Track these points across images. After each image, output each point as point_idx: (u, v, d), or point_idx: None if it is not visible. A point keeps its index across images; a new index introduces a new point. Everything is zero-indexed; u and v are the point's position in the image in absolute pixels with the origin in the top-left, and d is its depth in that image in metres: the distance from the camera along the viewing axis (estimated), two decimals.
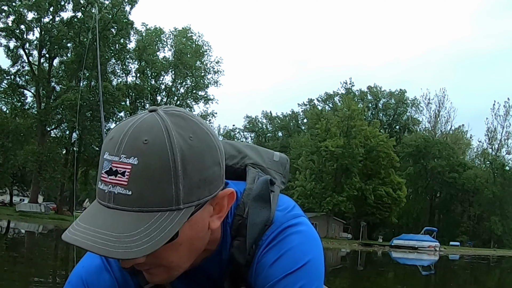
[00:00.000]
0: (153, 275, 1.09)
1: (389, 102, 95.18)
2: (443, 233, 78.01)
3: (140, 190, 0.94)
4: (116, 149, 0.96)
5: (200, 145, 0.99)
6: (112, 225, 0.94)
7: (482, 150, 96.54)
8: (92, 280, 1.24)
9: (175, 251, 1.04)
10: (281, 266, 1.13)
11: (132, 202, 0.95)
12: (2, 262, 14.42)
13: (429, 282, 22.04)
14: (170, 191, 0.96)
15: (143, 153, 0.94)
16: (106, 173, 0.96)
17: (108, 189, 0.96)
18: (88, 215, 0.98)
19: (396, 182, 73.96)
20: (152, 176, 0.94)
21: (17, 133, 56.15)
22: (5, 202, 69.65)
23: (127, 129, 0.97)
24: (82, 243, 0.93)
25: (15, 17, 56.06)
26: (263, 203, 1.20)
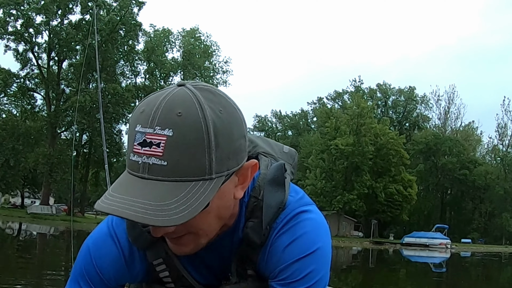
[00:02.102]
0: (181, 245, 1.15)
1: (399, 100, 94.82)
2: (454, 231, 77.65)
3: (175, 161, 0.98)
4: (149, 121, 0.99)
5: (229, 118, 1.04)
6: (149, 194, 0.98)
7: (492, 146, 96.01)
8: (98, 250, 1.29)
9: (205, 219, 1.08)
10: (293, 251, 1.19)
11: (167, 172, 0.98)
12: (15, 263, 14.50)
13: (441, 280, 21.97)
14: (204, 162, 1.00)
15: (178, 125, 0.98)
16: (140, 145, 0.99)
17: (142, 160, 0.99)
18: (120, 186, 1.02)
19: (406, 180, 73.68)
20: (187, 147, 0.98)
21: (28, 135, 56.51)
22: (16, 205, 70.07)
23: (159, 103, 1.00)
24: (120, 212, 0.97)
25: (23, 21, 56.36)
26: (277, 186, 1.25)
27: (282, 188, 1.26)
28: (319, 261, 1.21)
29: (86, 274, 1.31)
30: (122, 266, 1.30)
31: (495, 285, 20.59)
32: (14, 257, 16.34)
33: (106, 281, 1.31)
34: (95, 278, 1.31)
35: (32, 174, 63.49)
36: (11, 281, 11.08)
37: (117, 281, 1.33)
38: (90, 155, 63.08)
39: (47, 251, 20.66)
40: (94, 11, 17.53)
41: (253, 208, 1.24)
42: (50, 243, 26.28)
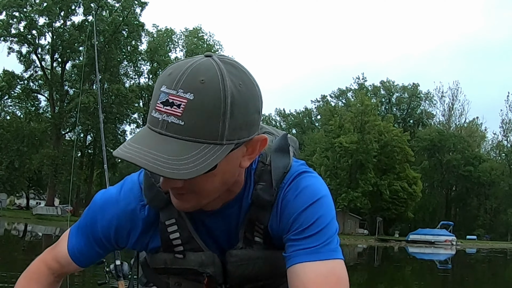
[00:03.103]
0: (184, 201, 1.24)
1: (402, 97, 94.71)
2: (459, 227, 77.48)
3: (192, 122, 1.08)
4: (174, 84, 1.09)
5: (247, 93, 1.14)
6: (163, 148, 1.07)
7: (497, 142, 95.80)
8: (103, 207, 1.42)
9: (210, 180, 1.17)
10: (299, 202, 1.30)
11: (183, 132, 1.08)
12: (22, 264, 14.55)
13: (446, 276, 21.96)
14: (217, 128, 1.10)
15: (199, 91, 1.08)
16: (162, 104, 1.09)
17: (162, 118, 1.09)
18: (139, 138, 1.12)
19: (411, 177, 73.65)
20: (205, 112, 1.08)
21: (32, 137, 56.61)
22: (21, 206, 70.19)
23: (185, 68, 1.11)
24: (136, 160, 1.06)
25: (26, 23, 56.44)
26: (283, 153, 1.38)
27: (287, 154, 1.38)
28: (324, 208, 1.32)
29: (89, 227, 1.44)
30: (123, 228, 1.40)
31: (501, 281, 20.57)
32: (20, 258, 16.40)
33: (104, 238, 1.43)
34: (95, 233, 1.43)
35: (37, 175, 63.59)
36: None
37: (117, 242, 1.44)
38: (94, 156, 63.17)
39: None
40: (94, 12, 17.59)
41: (261, 173, 1.34)
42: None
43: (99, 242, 1.46)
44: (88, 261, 1.52)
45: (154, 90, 1.14)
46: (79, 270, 1.57)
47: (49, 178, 58.84)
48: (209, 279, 1.42)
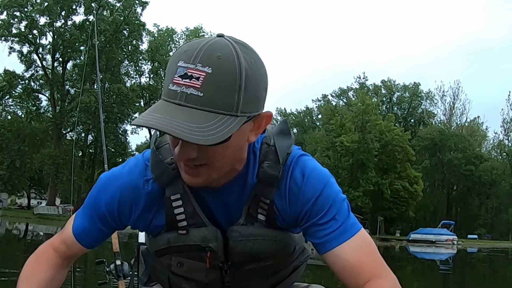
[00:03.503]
0: (195, 175, 1.30)
1: (404, 96, 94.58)
2: (460, 227, 77.46)
3: (210, 94, 1.16)
4: (192, 59, 1.18)
5: (257, 70, 1.24)
6: (185, 117, 1.15)
7: (498, 141, 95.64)
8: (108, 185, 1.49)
9: (222, 152, 1.26)
10: (314, 185, 1.43)
11: (202, 103, 1.17)
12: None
13: (447, 276, 21.97)
14: (233, 100, 1.19)
15: (217, 65, 1.17)
16: (180, 77, 1.17)
17: (181, 90, 1.17)
18: (157, 109, 1.19)
19: (412, 176, 73.57)
20: (222, 84, 1.17)
21: (33, 137, 56.66)
22: (23, 206, 70.30)
23: (202, 45, 1.20)
24: (159, 126, 1.14)
25: (27, 22, 56.48)
26: (285, 135, 1.49)
27: (289, 136, 1.49)
28: (335, 187, 1.47)
29: (93, 205, 1.51)
30: (126, 202, 1.46)
31: (502, 281, 20.57)
32: (22, 258, 16.42)
33: (108, 213, 1.49)
34: (99, 209, 1.49)
35: (38, 175, 63.68)
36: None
37: (120, 218, 1.50)
38: (95, 155, 63.20)
39: None
40: (95, 12, 17.61)
41: (266, 152, 1.44)
42: None
43: (102, 218, 1.50)
44: (92, 241, 1.57)
45: (169, 66, 1.22)
46: (84, 251, 1.62)
47: (50, 177, 58.89)
48: (211, 254, 1.46)
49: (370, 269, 1.40)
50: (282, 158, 1.43)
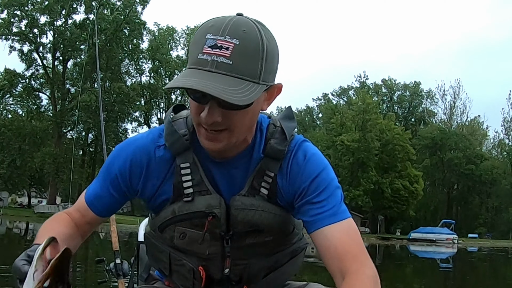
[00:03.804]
0: (216, 141, 1.42)
1: (404, 95, 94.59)
2: (461, 226, 77.41)
3: (238, 62, 1.30)
4: (221, 32, 1.31)
5: (274, 46, 1.40)
6: (217, 81, 1.28)
7: (498, 140, 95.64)
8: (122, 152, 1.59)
9: (243, 117, 1.40)
10: (313, 167, 1.56)
11: (231, 70, 1.30)
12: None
13: (448, 275, 21.97)
14: (257, 69, 1.34)
15: (243, 37, 1.31)
16: (210, 47, 1.30)
17: (211, 58, 1.29)
18: (188, 75, 1.31)
19: (412, 175, 73.61)
20: (248, 54, 1.32)
21: (34, 135, 56.68)
22: (23, 204, 70.28)
23: (228, 21, 1.33)
24: (196, 86, 1.27)
25: (28, 21, 56.50)
26: (290, 119, 1.63)
27: (294, 120, 1.63)
28: (332, 173, 1.61)
29: (106, 169, 1.60)
30: (138, 164, 1.56)
31: (503, 280, 20.58)
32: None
33: (120, 176, 1.57)
34: (112, 172, 1.58)
35: (38, 173, 63.65)
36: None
37: (131, 181, 1.57)
38: (96, 154, 63.22)
39: None
40: (96, 11, 17.62)
41: (273, 132, 1.57)
42: None
43: (114, 182, 1.58)
44: (104, 208, 1.63)
45: (197, 39, 1.34)
46: (97, 222, 1.66)
47: (50, 176, 58.88)
48: (214, 219, 1.54)
49: (353, 255, 1.47)
50: (288, 136, 1.56)
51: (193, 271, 1.64)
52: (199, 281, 1.64)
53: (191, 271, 1.64)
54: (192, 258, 1.63)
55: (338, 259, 1.47)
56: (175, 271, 1.68)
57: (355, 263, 1.46)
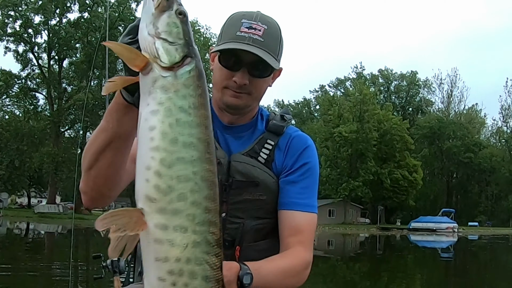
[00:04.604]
0: (239, 98, 1.79)
1: (401, 85, 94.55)
2: (461, 214, 77.51)
3: (267, 41, 1.77)
4: (253, 18, 1.78)
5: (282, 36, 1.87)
6: (255, 50, 1.72)
7: (497, 128, 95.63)
8: None
9: (261, 85, 1.84)
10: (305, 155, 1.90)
11: (263, 45, 1.75)
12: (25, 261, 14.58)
13: (449, 264, 22.02)
14: (277, 49, 1.82)
15: (270, 25, 1.81)
16: (247, 28, 1.75)
17: (248, 35, 1.74)
18: (231, 45, 1.73)
19: (411, 165, 73.61)
20: (273, 37, 1.80)
21: (31, 135, 56.52)
22: (23, 205, 70.22)
23: (256, 13, 1.82)
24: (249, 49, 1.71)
25: (22, 22, 56.33)
26: (287, 113, 2.00)
27: (290, 114, 2.00)
28: (317, 167, 1.95)
29: None
30: None
31: (503, 267, 20.63)
32: (24, 258, 16.44)
33: None
34: None
35: (37, 173, 63.57)
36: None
37: None
38: None
39: (57, 249, 20.77)
40: (108, 6, 17.58)
41: (273, 117, 1.96)
42: (59, 241, 26.42)
43: None
44: None
45: (233, 23, 1.79)
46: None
47: (49, 176, 58.83)
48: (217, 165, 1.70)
49: (304, 240, 1.81)
50: (287, 120, 1.94)
51: None
52: None
53: None
54: None
55: (294, 237, 1.81)
56: None
57: (301, 246, 1.80)
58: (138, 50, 1.20)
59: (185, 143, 1.10)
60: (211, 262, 1.09)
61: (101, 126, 1.53)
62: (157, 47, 1.17)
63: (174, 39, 1.19)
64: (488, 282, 14.71)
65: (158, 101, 1.13)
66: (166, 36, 1.19)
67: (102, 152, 1.53)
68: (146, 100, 1.15)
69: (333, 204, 70.00)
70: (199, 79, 1.20)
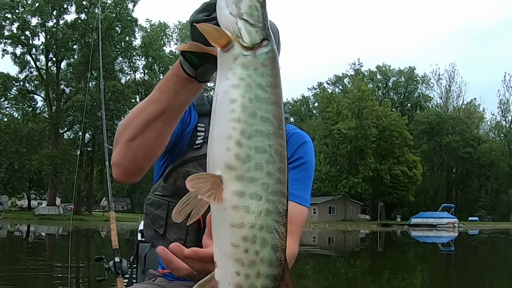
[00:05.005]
0: None
1: (399, 80, 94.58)
2: (461, 209, 77.61)
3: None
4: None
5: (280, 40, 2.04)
6: None
7: (495, 123, 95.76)
8: None
9: None
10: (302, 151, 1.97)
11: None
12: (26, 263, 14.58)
13: (450, 259, 22.04)
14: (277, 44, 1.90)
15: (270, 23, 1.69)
16: None
17: None
18: None
19: (411, 161, 73.66)
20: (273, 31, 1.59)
21: (31, 137, 56.53)
22: (23, 207, 70.21)
23: None
24: None
25: (19, 24, 56.37)
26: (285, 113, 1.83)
27: (287, 113, 1.90)
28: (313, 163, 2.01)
29: None
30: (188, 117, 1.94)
31: (504, 262, 20.64)
32: (26, 258, 16.44)
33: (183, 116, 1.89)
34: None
35: (37, 175, 63.61)
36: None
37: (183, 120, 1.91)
38: (93, 153, 63.17)
39: (57, 251, 20.78)
40: (98, 11, 17.59)
41: None
42: (60, 243, 26.42)
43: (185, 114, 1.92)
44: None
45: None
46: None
47: (49, 177, 58.84)
48: None
49: (294, 231, 1.81)
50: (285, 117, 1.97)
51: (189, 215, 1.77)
52: (195, 227, 1.82)
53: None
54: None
55: None
56: (170, 224, 1.87)
57: (291, 236, 1.69)
58: (220, 28, 1.25)
59: (263, 118, 1.17)
60: (280, 231, 1.14)
61: (153, 96, 1.55)
62: (239, 27, 1.22)
63: (255, 21, 1.24)
64: (489, 277, 14.72)
65: (239, 77, 1.19)
66: (248, 18, 1.24)
67: (151, 122, 1.55)
68: (226, 75, 1.21)
69: (333, 201, 70.08)
70: (274, 60, 1.25)
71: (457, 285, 13.72)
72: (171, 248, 1.28)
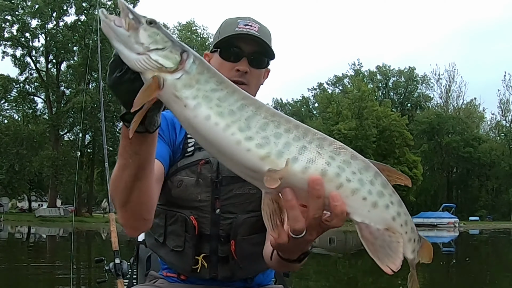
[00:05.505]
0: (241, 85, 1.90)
1: (399, 81, 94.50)
2: (462, 209, 77.58)
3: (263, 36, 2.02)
4: (248, 19, 2.03)
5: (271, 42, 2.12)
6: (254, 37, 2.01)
7: (496, 122, 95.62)
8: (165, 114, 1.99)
9: (258, 76, 2.08)
10: None
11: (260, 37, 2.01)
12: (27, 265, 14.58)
13: (451, 259, 22.03)
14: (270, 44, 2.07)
15: (261, 25, 2.06)
16: (244, 25, 1.99)
17: (246, 30, 1.98)
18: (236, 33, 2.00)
19: (411, 161, 73.60)
20: (266, 34, 2.05)
21: (31, 139, 56.49)
22: (24, 209, 70.18)
23: (249, 16, 2.07)
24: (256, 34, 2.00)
25: (19, 26, 56.35)
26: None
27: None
28: None
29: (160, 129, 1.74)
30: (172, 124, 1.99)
31: (506, 261, 20.64)
32: (27, 259, 16.44)
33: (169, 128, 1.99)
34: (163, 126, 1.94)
35: (37, 177, 63.60)
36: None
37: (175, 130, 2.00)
38: (94, 155, 63.16)
39: (58, 252, 20.78)
40: (98, 13, 17.60)
41: None
42: (60, 245, 26.42)
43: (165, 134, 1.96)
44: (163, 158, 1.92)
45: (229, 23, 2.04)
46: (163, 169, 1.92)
47: (50, 179, 58.82)
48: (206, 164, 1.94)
49: None
50: None
51: (185, 222, 1.88)
52: (191, 234, 1.88)
53: (184, 222, 1.90)
54: (185, 211, 1.91)
55: None
56: (169, 232, 1.93)
57: None
58: (142, 82, 1.23)
59: (239, 108, 1.19)
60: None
61: (119, 164, 1.54)
62: (155, 59, 1.20)
63: (162, 44, 1.23)
64: (490, 276, 14.72)
65: (192, 96, 1.18)
66: (155, 45, 1.23)
67: (131, 187, 1.56)
68: (180, 104, 1.19)
69: None
70: (203, 63, 1.27)
71: (458, 285, 13.72)
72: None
